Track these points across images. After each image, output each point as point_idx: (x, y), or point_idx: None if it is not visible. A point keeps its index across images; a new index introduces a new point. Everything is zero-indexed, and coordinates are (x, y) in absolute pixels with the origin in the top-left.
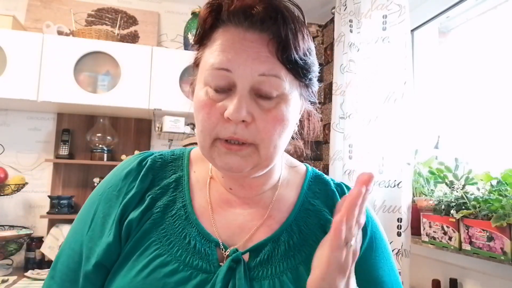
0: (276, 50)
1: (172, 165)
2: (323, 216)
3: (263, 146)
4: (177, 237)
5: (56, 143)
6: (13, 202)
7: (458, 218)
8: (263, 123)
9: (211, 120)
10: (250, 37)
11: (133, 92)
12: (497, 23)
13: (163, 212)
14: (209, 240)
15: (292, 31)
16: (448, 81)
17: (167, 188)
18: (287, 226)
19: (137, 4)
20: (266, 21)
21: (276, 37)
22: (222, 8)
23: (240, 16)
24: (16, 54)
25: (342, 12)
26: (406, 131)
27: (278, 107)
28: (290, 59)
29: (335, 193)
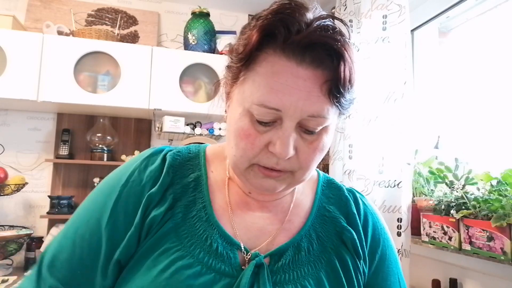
0: (329, 91)
1: (189, 163)
2: (338, 223)
3: (300, 173)
4: (199, 239)
5: (56, 143)
6: (13, 202)
7: (458, 218)
8: (305, 155)
9: (254, 151)
10: (303, 73)
11: (133, 92)
12: (497, 23)
13: (183, 213)
14: (230, 243)
15: (350, 71)
16: (448, 81)
17: (187, 187)
18: (306, 232)
19: (137, 4)
20: (324, 61)
21: (333, 79)
22: (276, 36)
23: (297, 51)
24: (16, 54)
25: (342, 12)
26: (406, 131)
27: (320, 138)
28: (341, 99)
29: (349, 200)
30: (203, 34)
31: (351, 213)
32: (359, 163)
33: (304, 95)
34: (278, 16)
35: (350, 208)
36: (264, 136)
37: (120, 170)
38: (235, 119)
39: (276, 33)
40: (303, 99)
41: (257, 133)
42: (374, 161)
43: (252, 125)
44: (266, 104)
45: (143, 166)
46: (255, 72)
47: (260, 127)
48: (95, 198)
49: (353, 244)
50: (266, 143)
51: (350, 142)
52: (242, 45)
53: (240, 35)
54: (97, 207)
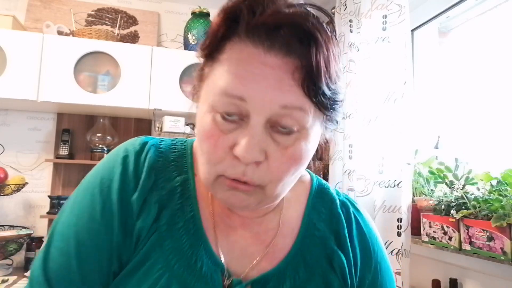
0: (303, 80)
1: (174, 164)
2: (328, 244)
3: (271, 187)
4: (184, 255)
5: (56, 143)
6: (13, 202)
7: (458, 218)
8: (277, 163)
9: (217, 154)
10: (272, 61)
11: (133, 92)
12: (497, 23)
13: (169, 224)
14: (215, 264)
15: (325, 58)
16: (448, 81)
17: (173, 193)
18: (292, 257)
19: (137, 4)
20: (293, 44)
21: (305, 65)
22: (240, 19)
23: (262, 34)
24: (16, 54)
25: (342, 12)
26: (406, 131)
27: (296, 144)
28: (318, 92)
29: (340, 217)
30: (203, 34)
31: (342, 235)
32: (359, 163)
33: (273, 84)
34: None
35: (341, 229)
36: (228, 137)
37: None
38: (200, 119)
39: (240, 17)
40: (272, 88)
41: (220, 133)
42: (374, 161)
43: (215, 124)
44: (228, 92)
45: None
46: (220, 63)
47: (225, 125)
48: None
49: (341, 271)
50: (231, 145)
51: (350, 142)
52: (207, 35)
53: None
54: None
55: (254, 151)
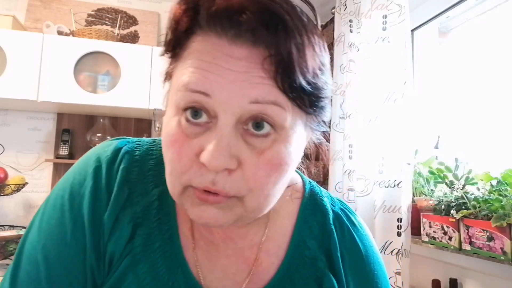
0: (275, 72)
1: (151, 174)
2: (319, 266)
3: (250, 197)
4: (160, 280)
5: (56, 143)
6: (13, 202)
7: (458, 218)
8: (253, 170)
9: (181, 162)
10: (238, 51)
11: (133, 92)
12: (497, 23)
13: (144, 245)
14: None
15: (298, 46)
16: (448, 81)
17: (149, 208)
18: (279, 279)
19: (137, 4)
20: (259, 31)
21: (275, 54)
22: (200, 8)
23: (224, 22)
24: (16, 54)
25: (342, 12)
26: (406, 131)
27: (274, 148)
28: (294, 86)
29: (332, 233)
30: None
31: (334, 256)
32: (359, 163)
33: (241, 76)
34: None
35: (333, 249)
36: (195, 142)
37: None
38: (164, 124)
39: (199, 4)
40: (239, 80)
41: (186, 138)
42: (374, 161)
43: (180, 128)
44: (190, 87)
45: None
46: (182, 59)
47: (190, 128)
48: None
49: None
50: (198, 152)
51: (350, 142)
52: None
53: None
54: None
55: (223, 156)
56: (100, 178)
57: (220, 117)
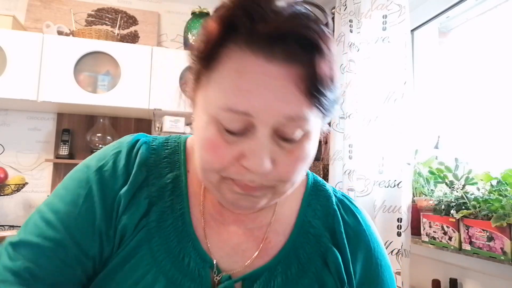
0: (307, 89)
1: (166, 160)
2: (323, 242)
3: (282, 186)
4: (171, 252)
5: (56, 143)
6: (13, 202)
7: (458, 218)
8: (285, 167)
9: (222, 164)
10: (275, 71)
11: (133, 92)
12: (497, 23)
13: (158, 221)
14: (204, 260)
15: (328, 65)
16: (448, 81)
17: (163, 190)
18: (285, 254)
19: (137, 4)
20: (295, 52)
21: (309, 73)
22: (238, 27)
23: (263, 43)
24: (16, 54)
25: (342, 12)
26: (406, 131)
27: (301, 146)
28: (322, 98)
29: (336, 213)
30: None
31: (338, 232)
32: (359, 163)
33: (278, 95)
34: (239, 3)
35: (337, 226)
36: (234, 147)
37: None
38: (201, 129)
39: (238, 24)
40: (277, 100)
41: (226, 144)
42: (374, 161)
43: (220, 135)
44: (234, 108)
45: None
46: (218, 73)
47: (230, 136)
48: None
49: (337, 269)
50: (237, 156)
51: (350, 142)
52: (202, 41)
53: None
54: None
55: (266, 164)
56: (120, 159)
57: (258, 128)
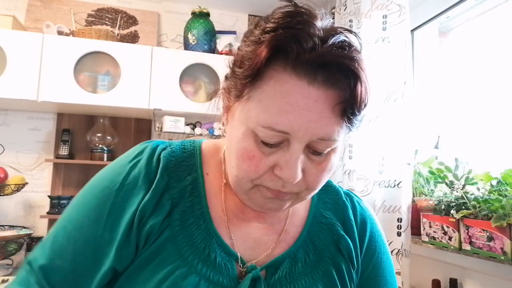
0: (343, 112)
1: (185, 164)
2: (335, 230)
3: (306, 193)
4: (197, 249)
5: (56, 143)
6: (13, 202)
7: (458, 218)
8: (313, 177)
9: (258, 173)
10: (315, 94)
11: (133, 92)
12: (497, 23)
13: (181, 220)
14: (229, 254)
15: (364, 91)
16: (448, 81)
17: (184, 191)
18: (302, 242)
19: (137, 4)
20: (337, 80)
21: (347, 100)
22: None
23: (309, 70)
24: (16, 54)
25: (342, 12)
26: (406, 131)
27: (328, 159)
28: (354, 119)
29: (346, 205)
30: (203, 34)
31: (348, 219)
32: (359, 163)
33: (315, 117)
34: (289, 31)
35: (347, 214)
36: (269, 158)
37: (114, 170)
38: (238, 139)
39: (287, 50)
40: (314, 121)
41: (262, 155)
42: (374, 161)
43: (257, 146)
44: (274, 127)
45: (138, 167)
46: (261, 91)
47: (266, 148)
48: (88, 201)
49: (349, 253)
50: (271, 166)
51: (350, 142)
52: (248, 59)
53: (243, 46)
54: (90, 213)
55: (298, 174)
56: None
57: (293, 143)
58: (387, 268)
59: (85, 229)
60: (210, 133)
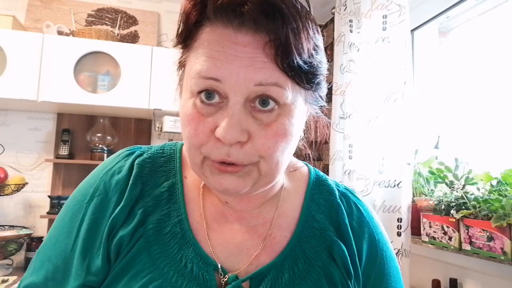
0: (275, 55)
1: (162, 169)
2: (328, 236)
3: (262, 163)
4: (173, 259)
5: (56, 143)
6: (13, 202)
7: (458, 218)
8: (262, 140)
9: (199, 137)
10: (242, 39)
11: (133, 92)
12: (497, 23)
13: (156, 229)
14: (207, 263)
15: (294, 31)
16: (448, 81)
17: (159, 199)
18: (291, 249)
19: (137, 4)
20: (260, 20)
21: (274, 39)
22: (207, 2)
23: (229, 13)
24: (16, 54)
25: (342, 12)
26: (406, 131)
27: (279, 120)
28: (292, 65)
29: (340, 207)
30: None
31: (342, 224)
32: (359, 163)
33: (246, 62)
34: None
35: (341, 218)
36: (209, 120)
37: (88, 181)
38: (182, 107)
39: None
40: (245, 66)
41: (201, 116)
42: (374, 161)
43: (195, 108)
44: (203, 74)
45: (109, 176)
46: (194, 49)
47: (205, 108)
48: (63, 215)
49: (343, 261)
50: (212, 128)
51: (350, 142)
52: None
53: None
54: (64, 227)
55: (235, 131)
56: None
57: (230, 98)
58: (392, 275)
59: (58, 244)
60: None
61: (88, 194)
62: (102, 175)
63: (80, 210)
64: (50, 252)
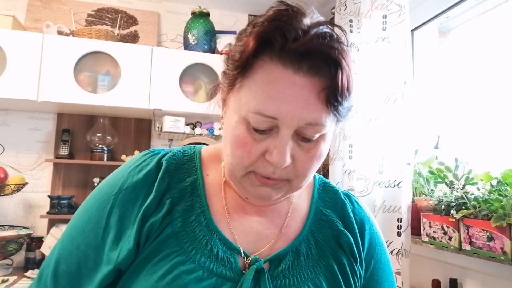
0: (327, 99)
1: (185, 167)
2: (336, 227)
3: (297, 181)
4: (199, 244)
5: (56, 143)
6: (13, 202)
7: (458, 218)
8: (302, 163)
9: (251, 159)
10: (300, 81)
11: (133, 92)
12: (497, 23)
13: (182, 218)
14: (230, 248)
15: (348, 78)
16: (448, 81)
17: (184, 192)
18: (304, 236)
19: (137, 4)
20: (320, 68)
21: (330, 85)
22: (273, 43)
23: (293, 58)
24: (16, 54)
25: (342, 12)
26: (406, 131)
27: (317, 147)
28: (339, 107)
29: (345, 203)
30: (203, 34)
31: (347, 216)
32: (359, 163)
33: (301, 103)
34: (274, 23)
35: (346, 212)
36: (260, 144)
37: (115, 176)
38: (232, 127)
39: (272, 41)
40: (300, 107)
41: (254, 141)
42: (374, 161)
43: (249, 133)
44: (263, 112)
45: (137, 171)
46: (251, 80)
47: (257, 135)
48: (90, 206)
49: (350, 248)
50: (263, 152)
51: (350, 142)
52: (238, 52)
53: (236, 41)
54: (91, 217)
55: (286, 158)
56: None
57: (282, 129)
58: (387, 267)
59: (87, 233)
60: (210, 133)
61: (116, 187)
62: (130, 170)
63: (108, 201)
64: (78, 241)
